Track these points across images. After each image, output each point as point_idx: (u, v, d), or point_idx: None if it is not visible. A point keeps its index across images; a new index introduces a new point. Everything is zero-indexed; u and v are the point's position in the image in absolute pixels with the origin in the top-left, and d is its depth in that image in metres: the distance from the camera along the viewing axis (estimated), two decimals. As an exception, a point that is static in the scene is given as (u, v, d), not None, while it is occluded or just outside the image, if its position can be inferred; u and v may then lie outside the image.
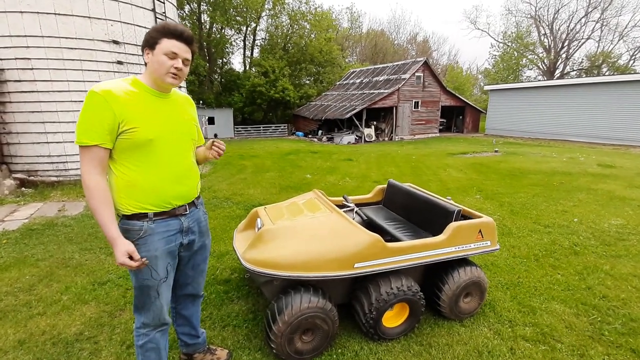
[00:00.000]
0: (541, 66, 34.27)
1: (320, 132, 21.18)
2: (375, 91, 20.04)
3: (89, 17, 6.54)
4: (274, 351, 2.13)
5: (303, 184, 7.53)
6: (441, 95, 21.34)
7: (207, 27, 24.97)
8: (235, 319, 2.61)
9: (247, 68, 27.53)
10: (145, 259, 1.50)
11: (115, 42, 6.91)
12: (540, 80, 29.52)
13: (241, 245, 2.49)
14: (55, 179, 6.86)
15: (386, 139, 19.73)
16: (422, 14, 72.91)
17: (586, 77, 25.44)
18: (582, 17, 31.00)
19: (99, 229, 4.42)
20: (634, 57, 30.50)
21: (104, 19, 6.70)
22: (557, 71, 33.45)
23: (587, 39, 31.69)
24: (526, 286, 3.18)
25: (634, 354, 2.32)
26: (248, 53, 28.49)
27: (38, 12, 6.18)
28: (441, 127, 23.04)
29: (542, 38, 33.80)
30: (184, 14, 23.35)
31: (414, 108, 20.26)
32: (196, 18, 24.16)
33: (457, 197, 6.09)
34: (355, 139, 18.56)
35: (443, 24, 71.68)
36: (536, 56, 34.13)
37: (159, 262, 1.60)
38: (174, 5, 8.84)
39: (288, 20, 26.41)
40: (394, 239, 2.72)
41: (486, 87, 25.12)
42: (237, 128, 22.87)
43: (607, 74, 29.19)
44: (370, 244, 2.23)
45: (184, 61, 1.54)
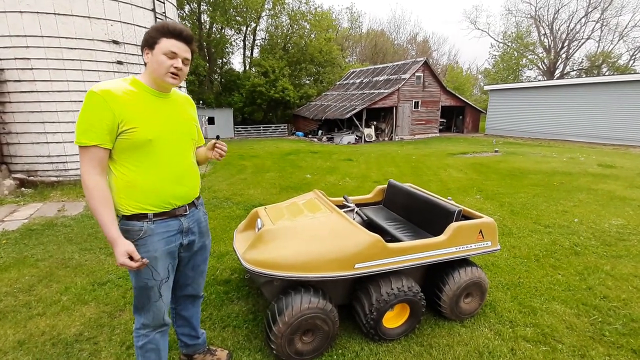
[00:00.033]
0: (541, 66, 34.29)
1: (320, 132, 21.18)
2: (375, 91, 20.04)
3: (89, 17, 6.53)
4: (274, 352, 2.13)
5: (303, 184, 7.52)
6: (441, 95, 21.34)
7: (207, 27, 24.98)
8: (235, 319, 2.61)
9: (247, 68, 27.54)
10: (145, 260, 1.50)
11: (115, 42, 6.91)
12: (540, 80, 29.52)
13: (241, 246, 2.48)
14: (55, 179, 6.85)
15: (386, 139, 19.72)
16: (422, 14, 72.99)
17: (586, 77, 25.45)
18: (582, 17, 31.06)
19: (98, 229, 4.41)
20: (634, 57, 30.57)
21: (103, 19, 6.69)
22: (557, 71, 33.47)
23: (587, 39, 31.76)
24: (527, 286, 3.17)
25: (635, 354, 2.32)
26: (248, 53, 28.55)
27: (38, 12, 6.18)
28: (441, 127, 23.04)
29: (542, 38, 33.87)
30: (184, 14, 23.36)
31: (414, 108, 20.26)
32: (196, 18, 24.17)
33: (457, 197, 6.09)
34: (355, 139, 18.55)
35: (443, 24, 71.78)
36: (536, 56, 34.15)
37: (159, 263, 1.60)
38: (174, 5, 8.84)
39: (288, 20, 26.43)
40: (395, 239, 2.71)
41: (486, 87, 25.12)
42: (237, 128, 22.88)
43: (607, 74, 29.20)
44: (371, 244, 2.22)
45: (184, 61, 1.53)
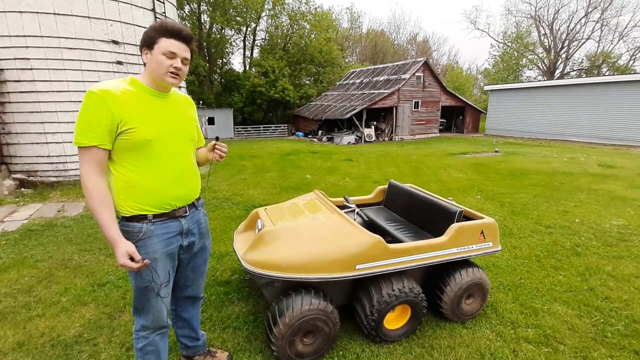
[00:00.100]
0: (541, 66, 34.27)
1: (320, 132, 21.17)
2: (376, 91, 20.03)
3: (89, 17, 6.52)
4: (275, 353, 2.11)
5: (303, 184, 7.51)
6: (441, 96, 21.34)
7: (207, 27, 24.98)
8: (235, 320, 2.59)
9: (247, 68, 27.54)
10: (146, 260, 1.49)
11: (115, 42, 6.89)
12: (540, 81, 29.52)
13: (241, 247, 2.47)
14: (54, 179, 6.84)
15: (386, 139, 19.71)
16: (422, 14, 73.01)
17: (586, 77, 25.45)
18: (582, 17, 31.06)
19: (98, 230, 4.40)
20: (634, 57, 30.55)
21: (103, 19, 6.68)
22: (557, 71, 33.46)
23: (587, 39, 31.75)
24: (528, 287, 3.16)
25: (637, 355, 2.31)
26: (248, 53, 28.54)
27: (37, 12, 6.16)
28: (441, 127, 23.04)
29: (542, 38, 33.86)
30: (184, 14, 23.35)
31: (414, 108, 20.25)
32: (196, 18, 24.17)
33: (457, 198, 6.08)
34: (355, 139, 18.54)
35: (443, 24, 71.77)
36: (536, 56, 34.14)
37: (159, 265, 1.58)
38: (173, 5, 8.82)
39: (288, 21, 26.42)
40: (395, 240, 2.70)
41: (486, 87, 25.12)
42: (237, 128, 22.87)
43: (607, 74, 29.20)
44: (372, 245, 2.21)
45: (183, 60, 1.52)
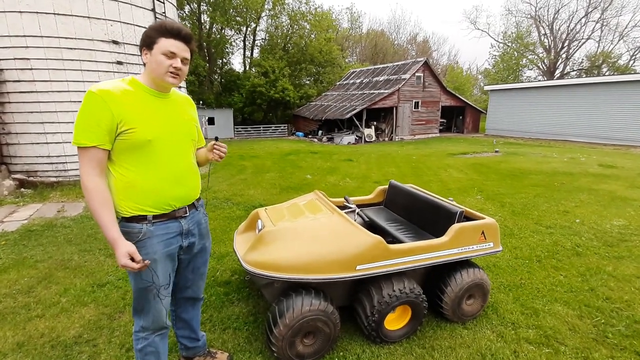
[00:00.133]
0: (541, 66, 34.27)
1: (320, 132, 21.16)
2: (376, 91, 20.03)
3: (89, 17, 6.51)
4: (275, 354, 2.11)
5: (303, 184, 7.51)
6: (441, 96, 21.33)
7: (207, 27, 24.98)
8: (235, 321, 2.59)
9: (247, 68, 27.54)
10: (147, 261, 1.48)
11: (115, 42, 6.89)
12: (540, 81, 29.51)
13: (242, 247, 2.46)
14: (54, 179, 6.83)
15: (386, 139, 19.71)
16: (422, 14, 73.02)
17: (586, 77, 25.44)
18: (582, 17, 31.05)
19: (98, 230, 4.40)
20: (634, 57, 30.54)
21: (103, 19, 6.68)
22: (557, 71, 33.45)
23: (587, 39, 31.74)
24: (529, 288, 3.16)
25: (639, 356, 2.30)
26: (248, 53, 28.54)
27: (37, 12, 6.15)
28: (441, 127, 23.02)
29: (542, 38, 33.85)
30: (184, 14, 23.35)
31: (414, 108, 20.24)
32: (196, 18, 24.17)
33: (458, 198, 6.07)
34: (356, 139, 18.54)
35: (443, 24, 71.77)
36: (536, 56, 34.13)
37: (159, 265, 1.58)
38: (173, 5, 8.82)
39: (288, 21, 26.42)
40: (396, 240, 2.70)
41: (486, 87, 25.10)
42: (237, 128, 22.87)
43: (607, 74, 29.19)
44: (372, 245, 2.20)
45: (183, 60, 1.51)
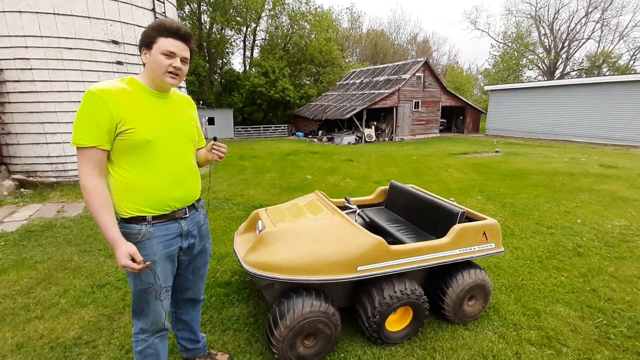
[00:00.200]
0: (541, 66, 34.25)
1: (320, 132, 21.15)
2: (376, 91, 20.01)
3: (89, 17, 6.51)
4: (276, 356, 2.10)
5: (304, 184, 7.50)
6: (441, 96, 21.32)
7: (207, 27, 24.97)
8: (235, 322, 2.57)
9: (247, 68, 27.53)
10: (148, 262, 1.47)
11: (115, 42, 6.88)
12: (540, 81, 29.50)
13: (242, 248, 2.45)
14: (54, 179, 6.82)
15: (386, 139, 19.70)
16: (422, 14, 73.01)
17: (586, 77, 25.42)
18: (583, 17, 31.03)
19: (98, 231, 4.38)
20: (634, 57, 30.51)
21: (103, 19, 6.67)
22: (558, 71, 33.44)
23: (588, 39, 31.72)
24: (530, 288, 3.14)
25: (641, 358, 2.29)
26: (248, 53, 28.53)
27: (37, 12, 6.15)
28: (441, 128, 23.01)
29: (542, 38, 33.83)
30: (184, 14, 23.34)
31: (415, 108, 20.23)
32: (196, 18, 24.16)
33: (458, 198, 6.06)
34: (356, 139, 18.53)
35: (443, 24, 71.73)
36: (536, 56, 34.11)
37: (158, 267, 1.56)
38: (173, 5, 8.81)
39: (288, 21, 26.41)
40: (397, 241, 2.68)
41: (486, 88, 25.09)
42: (237, 128, 22.85)
43: (607, 74, 29.17)
44: (373, 246, 2.19)
45: (183, 60, 1.49)
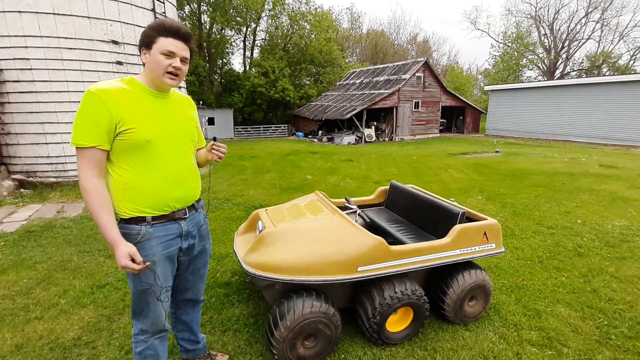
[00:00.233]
0: (541, 66, 34.24)
1: (320, 132, 21.15)
2: (376, 91, 20.01)
3: (88, 17, 6.50)
4: (276, 357, 2.09)
5: (304, 184, 7.49)
6: (441, 96, 21.31)
7: (207, 27, 24.97)
8: (235, 323, 2.57)
9: (247, 68, 27.52)
10: (148, 262, 1.46)
11: (115, 42, 6.87)
12: (540, 81, 29.50)
13: (242, 248, 2.44)
14: (54, 179, 6.81)
15: (386, 139, 19.69)
16: (422, 14, 73.05)
17: (586, 77, 25.42)
18: (583, 17, 31.04)
19: (97, 231, 4.38)
20: (634, 57, 30.52)
21: (103, 19, 6.66)
22: (558, 71, 33.43)
23: (588, 39, 31.73)
24: (531, 289, 3.14)
25: (643, 358, 2.28)
26: (248, 53, 28.52)
27: (37, 12, 6.14)
28: (441, 128, 23.00)
29: (542, 38, 33.83)
30: (184, 14, 23.34)
31: (415, 108, 20.22)
32: (196, 19, 24.16)
33: (458, 198, 6.05)
34: (356, 139, 18.52)
35: (443, 24, 71.73)
36: (536, 56, 34.11)
37: (158, 267, 1.56)
38: (173, 5, 8.80)
39: (288, 21, 26.41)
40: (397, 241, 2.68)
41: (486, 88, 25.08)
42: (237, 128, 22.85)
43: (607, 74, 29.17)
44: (374, 247, 2.19)
45: (182, 59, 1.49)
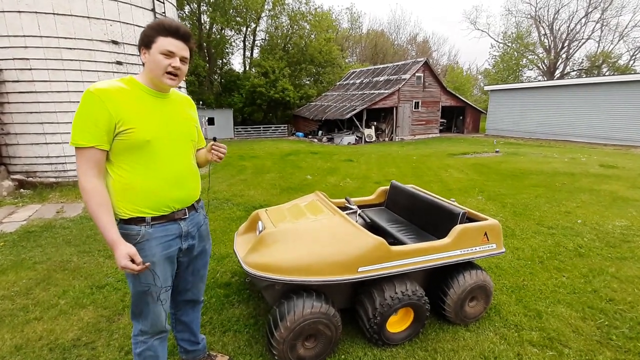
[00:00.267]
0: (541, 66, 34.24)
1: (320, 132, 21.14)
2: (376, 91, 20.00)
3: (88, 17, 6.50)
4: (276, 357, 2.08)
5: (304, 185, 7.48)
6: (441, 96, 21.31)
7: (207, 27, 24.97)
8: (236, 324, 2.56)
9: (247, 68, 27.52)
10: (147, 263, 1.46)
11: (115, 43, 6.87)
12: (540, 81, 29.50)
13: (242, 249, 2.43)
14: (54, 180, 6.81)
15: (386, 139, 19.68)
16: (422, 14, 73.07)
17: (586, 77, 25.42)
18: (582, 18, 31.04)
19: (97, 231, 4.37)
20: (634, 57, 30.52)
21: (103, 19, 6.66)
22: (557, 71, 33.43)
23: (587, 39, 31.72)
24: (531, 289, 3.13)
25: (644, 359, 2.27)
26: (248, 54, 28.52)
27: (36, 12, 6.14)
28: (441, 128, 23.00)
29: (542, 38, 33.83)
30: (184, 14, 23.33)
31: (414, 108, 20.22)
32: (196, 19, 24.16)
33: (459, 198, 6.04)
34: (356, 139, 18.51)
35: (443, 24, 71.73)
36: (536, 56, 34.11)
37: (157, 268, 1.55)
38: (173, 5, 8.80)
39: (288, 21, 26.41)
40: (397, 241, 2.67)
41: (486, 88, 25.08)
42: (237, 128, 22.85)
43: (607, 74, 29.17)
44: (374, 247, 2.18)
45: (182, 59, 1.48)
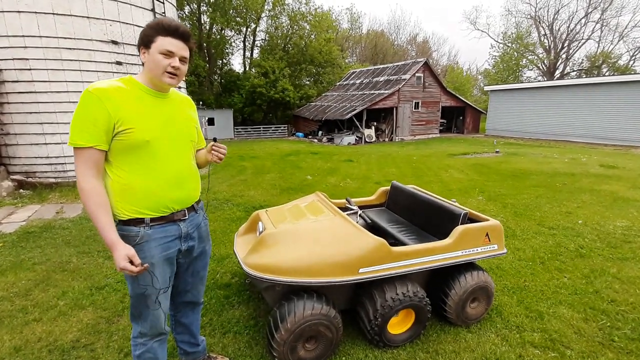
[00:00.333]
0: (541, 67, 34.24)
1: (320, 132, 21.13)
2: (376, 92, 19.99)
3: (88, 17, 6.48)
4: (276, 359, 2.07)
5: (304, 185, 7.47)
6: (441, 96, 21.30)
7: (207, 28, 24.96)
8: (236, 325, 2.55)
9: (247, 69, 27.51)
10: (146, 264, 1.44)
11: (114, 43, 6.86)
12: (540, 81, 29.49)
13: (242, 250, 2.42)
14: (53, 180, 6.79)
15: (386, 139, 19.67)
16: (422, 14, 73.08)
17: (586, 77, 25.41)
18: (582, 18, 31.05)
19: (97, 232, 4.33)
20: (634, 58, 30.52)
21: (102, 19, 6.64)
22: (557, 72, 33.44)
23: (587, 39, 31.73)
24: (533, 290, 3.12)
25: (646, 361, 2.26)
26: (248, 54, 28.51)
27: (36, 12, 6.12)
28: (441, 128, 22.99)
29: (542, 38, 33.83)
30: (183, 14, 23.33)
31: (414, 109, 20.21)
32: (196, 19, 24.15)
33: (459, 199, 6.03)
34: (356, 139, 18.50)
35: (443, 24, 71.74)
36: (536, 57, 34.11)
37: (157, 270, 1.54)
38: (173, 5, 8.79)
39: (288, 21, 26.40)
40: (398, 242, 2.66)
41: (486, 88, 25.06)
42: (237, 129, 22.84)
43: (607, 74, 29.18)
44: (375, 248, 2.17)
45: (182, 59, 1.47)
